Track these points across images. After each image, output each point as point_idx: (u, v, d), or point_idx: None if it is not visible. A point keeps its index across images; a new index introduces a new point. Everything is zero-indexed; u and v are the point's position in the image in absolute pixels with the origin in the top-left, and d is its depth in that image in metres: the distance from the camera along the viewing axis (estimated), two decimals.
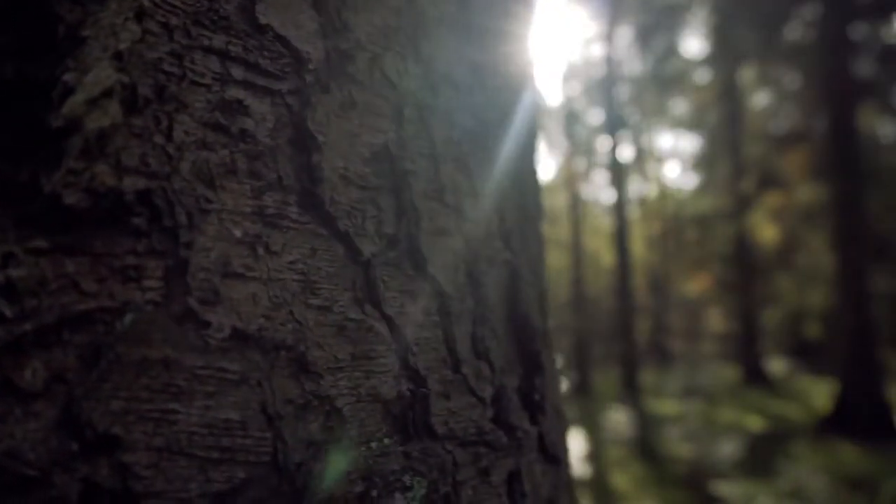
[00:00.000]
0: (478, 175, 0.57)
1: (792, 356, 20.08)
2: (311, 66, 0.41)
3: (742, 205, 16.79)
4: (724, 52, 16.58)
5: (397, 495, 0.41)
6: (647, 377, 17.98)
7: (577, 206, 16.06)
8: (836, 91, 11.75)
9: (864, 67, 14.66)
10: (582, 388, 15.86)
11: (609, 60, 14.41)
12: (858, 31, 13.87)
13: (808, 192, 16.46)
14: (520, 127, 0.69)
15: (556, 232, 26.58)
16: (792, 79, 16.54)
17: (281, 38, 0.39)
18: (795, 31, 15.01)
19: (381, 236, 0.45)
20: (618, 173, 13.82)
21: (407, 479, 0.41)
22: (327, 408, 0.39)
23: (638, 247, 27.98)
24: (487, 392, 0.52)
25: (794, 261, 17.97)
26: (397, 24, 0.49)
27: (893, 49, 14.52)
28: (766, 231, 20.96)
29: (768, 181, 17.01)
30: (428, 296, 0.48)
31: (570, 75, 16.67)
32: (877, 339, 11.51)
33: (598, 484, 8.60)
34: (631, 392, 12.36)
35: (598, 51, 14.27)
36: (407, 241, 0.47)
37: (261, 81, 0.39)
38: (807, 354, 19.46)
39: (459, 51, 0.57)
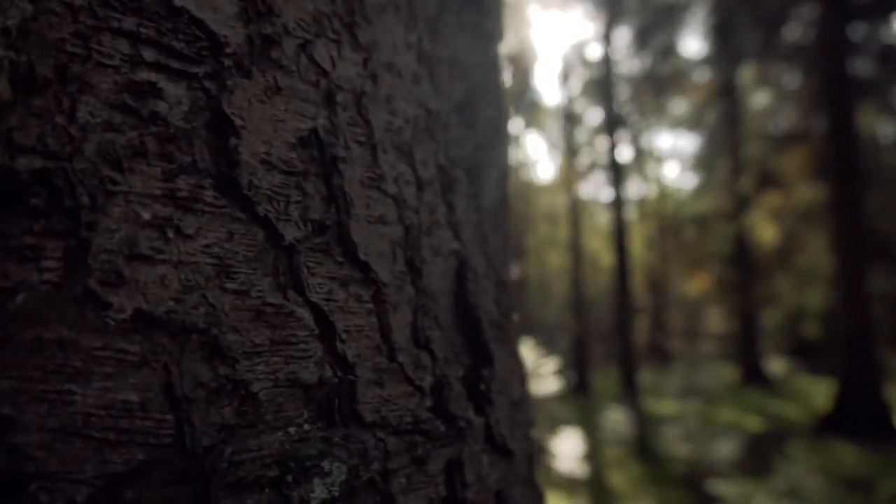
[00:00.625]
0: (423, 164, 0.56)
1: (791, 356, 20.07)
2: (228, 50, 0.41)
3: (741, 205, 16.78)
4: (723, 52, 16.57)
5: (316, 481, 0.40)
6: (646, 377, 17.97)
7: (576, 207, 16.05)
8: (835, 91, 11.75)
9: (864, 67, 14.65)
10: (581, 388, 15.85)
11: (607, 60, 14.40)
12: (857, 31, 13.87)
13: (807, 193, 16.45)
14: (479, 118, 0.68)
15: (555, 232, 26.58)
16: (791, 79, 16.53)
17: (197, 22, 0.39)
18: (794, 31, 15.01)
19: (307, 222, 0.45)
20: (617, 173, 13.82)
21: (326, 464, 0.41)
22: (242, 392, 0.39)
23: (637, 247, 27.98)
24: (427, 381, 0.52)
25: (793, 261, 17.96)
26: (332, 10, 0.49)
27: (892, 49, 14.51)
28: (765, 231, 20.95)
29: (767, 181, 16.99)
30: (360, 283, 0.48)
31: (569, 75, 16.66)
32: (876, 340, 11.50)
33: (596, 483, 8.60)
34: (630, 392, 12.35)
35: (596, 50, 14.28)
36: (336, 227, 0.47)
37: (175, 64, 0.38)
38: (806, 354, 19.44)
39: (406, 39, 0.57)
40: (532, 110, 21.93)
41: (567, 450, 8.55)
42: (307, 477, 0.40)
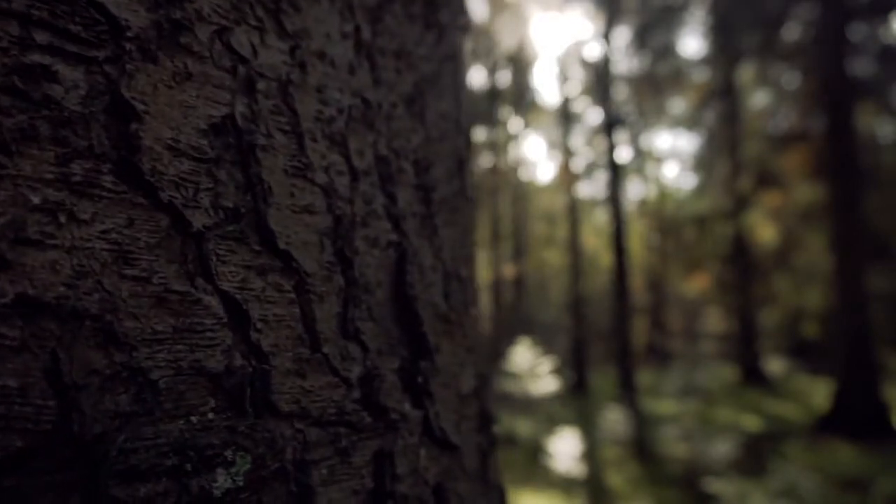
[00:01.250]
0: (359, 155, 0.56)
1: (790, 356, 20.06)
2: (129, 35, 0.40)
3: (740, 205, 16.77)
4: (722, 52, 16.57)
5: (219, 470, 0.40)
6: (645, 377, 17.96)
7: (574, 206, 16.05)
8: (834, 91, 11.74)
9: (862, 67, 14.64)
10: (580, 388, 15.85)
11: (606, 60, 14.40)
12: (856, 30, 13.86)
13: (806, 192, 16.44)
14: (430, 111, 0.67)
15: (554, 232, 26.58)
16: (790, 78, 16.53)
17: (95, 5, 0.39)
18: (794, 30, 15.00)
19: (219, 209, 0.44)
20: (615, 173, 13.81)
21: (229, 453, 0.40)
22: (140, 380, 0.38)
23: (636, 247, 27.98)
24: (355, 373, 0.51)
25: (792, 261, 17.95)
26: None
27: (891, 49, 14.49)
28: (764, 231, 20.93)
29: (766, 181, 16.99)
30: (280, 272, 0.47)
31: (567, 75, 16.66)
32: (874, 340, 11.50)
33: (594, 483, 8.61)
34: (628, 391, 12.35)
35: (595, 50, 14.27)
36: (253, 215, 0.46)
37: (72, 48, 0.38)
38: (805, 354, 19.43)
39: (342, 29, 0.56)
40: (531, 110, 21.95)
41: (565, 449, 8.54)
42: (209, 466, 0.39)
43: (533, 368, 11.16)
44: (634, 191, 27.61)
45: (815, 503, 5.91)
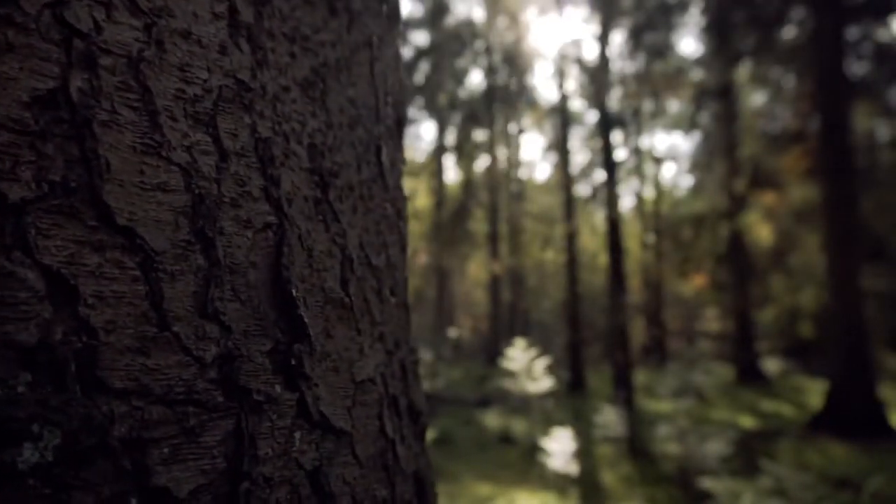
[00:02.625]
0: (231, 135, 0.55)
1: (787, 356, 20.06)
2: None
3: (737, 205, 16.77)
4: (718, 52, 16.56)
5: (26, 444, 0.39)
6: (642, 376, 17.96)
7: (571, 206, 16.05)
8: (830, 90, 11.74)
9: (859, 67, 14.64)
10: (576, 387, 15.86)
11: (603, 60, 14.40)
12: (852, 31, 13.86)
13: (803, 192, 16.44)
14: (333, 97, 0.67)
15: (552, 231, 26.58)
16: (787, 78, 16.51)
17: None
18: (790, 30, 14.99)
19: (43, 182, 0.44)
20: (611, 173, 13.81)
21: (35, 427, 0.40)
22: None
23: (634, 247, 27.96)
24: (211, 352, 0.50)
25: (789, 261, 17.95)
26: None
27: (887, 49, 14.48)
28: (761, 231, 20.90)
29: (763, 181, 16.98)
30: (122, 249, 0.47)
31: (564, 75, 16.65)
32: (869, 339, 11.48)
33: (588, 482, 8.62)
34: (625, 391, 12.34)
35: (592, 50, 14.27)
36: (87, 190, 0.46)
37: None
38: (802, 354, 19.43)
39: (213, 9, 0.56)
40: (528, 110, 21.96)
41: (559, 448, 8.55)
42: (14, 440, 0.39)
43: (529, 368, 11.15)
44: (632, 191, 27.62)
45: (805, 501, 5.90)
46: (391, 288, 0.72)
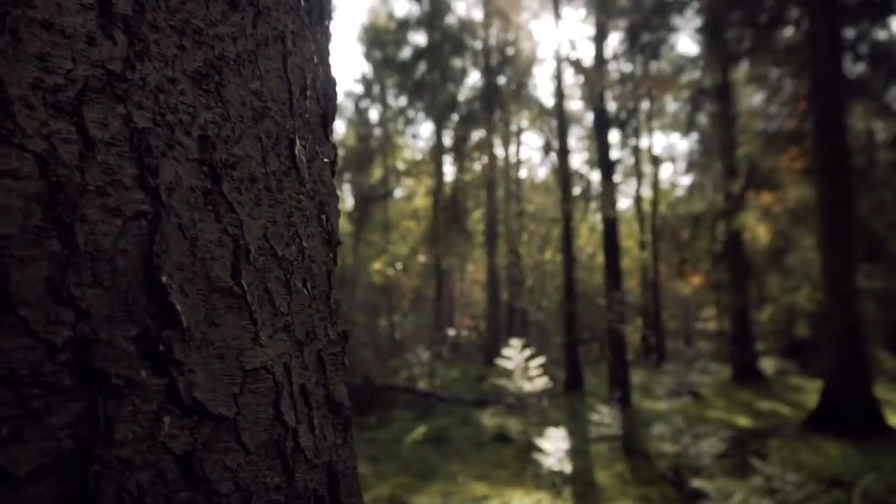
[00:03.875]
0: (99, 125, 0.56)
1: (785, 356, 20.08)
2: None
3: (734, 205, 16.79)
4: (715, 52, 16.57)
5: None
6: (639, 376, 17.99)
7: (568, 206, 16.06)
8: (826, 91, 11.76)
9: (856, 67, 14.64)
10: (574, 386, 15.88)
11: (600, 60, 14.42)
12: (849, 31, 13.86)
13: (799, 192, 16.44)
14: (230, 90, 0.66)
15: (551, 231, 26.59)
16: (785, 78, 16.51)
17: None
18: (787, 30, 14.99)
19: None
20: (608, 173, 13.83)
21: None
22: None
23: (632, 246, 27.94)
24: (62, 337, 0.51)
25: (786, 260, 17.96)
26: None
27: (884, 49, 14.49)
28: (758, 231, 20.89)
29: (760, 181, 16.99)
30: None
31: (561, 75, 16.68)
32: (864, 338, 11.51)
33: (582, 480, 8.64)
34: (621, 390, 12.38)
35: (589, 50, 14.29)
36: None
37: None
38: (800, 354, 19.44)
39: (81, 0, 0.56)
40: (526, 110, 21.97)
41: (554, 447, 8.56)
42: None
43: (524, 367, 11.17)
44: (630, 191, 27.63)
45: (795, 500, 5.93)
46: (304, 280, 0.73)
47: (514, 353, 11.16)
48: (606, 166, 13.55)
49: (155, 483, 0.54)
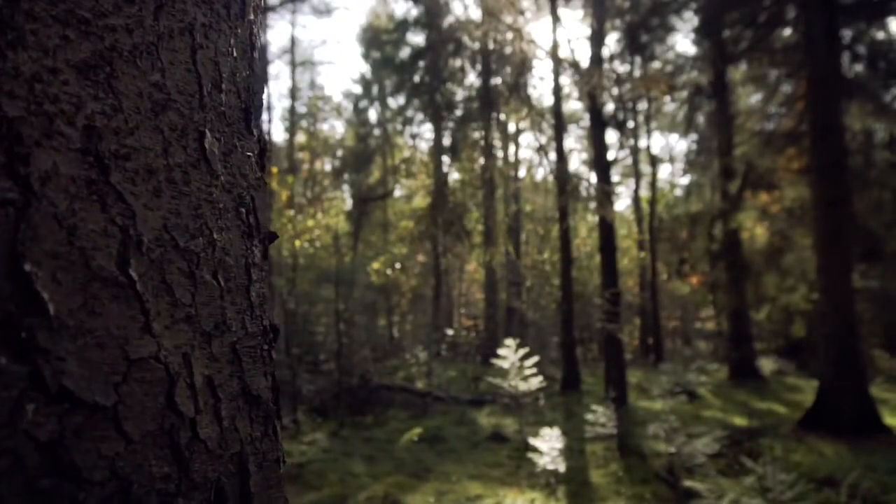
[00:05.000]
0: None
1: (783, 355, 20.08)
2: None
3: (731, 204, 16.79)
4: (712, 52, 16.58)
5: None
6: (636, 375, 18.01)
7: (565, 206, 16.06)
8: (823, 90, 11.76)
9: (853, 67, 14.64)
10: (570, 386, 15.89)
11: (596, 60, 14.43)
12: (847, 30, 13.87)
13: (797, 192, 16.45)
14: (123, 82, 0.66)
15: (550, 231, 26.59)
16: (782, 78, 16.51)
17: None
18: (785, 30, 14.99)
19: None
20: (605, 172, 13.84)
21: None
22: None
23: (631, 246, 27.95)
24: None
25: (784, 260, 17.96)
26: None
27: (882, 48, 14.49)
28: (755, 230, 20.90)
29: (757, 181, 16.99)
30: None
31: (559, 75, 16.68)
32: (860, 337, 11.51)
33: (576, 480, 8.65)
34: (618, 390, 12.38)
35: (587, 50, 14.30)
36: None
37: None
38: (798, 353, 19.45)
39: None
40: (524, 110, 21.95)
41: (548, 447, 8.58)
42: None
43: (519, 367, 11.19)
44: (629, 191, 27.64)
45: (785, 499, 5.94)
46: (215, 272, 0.73)
47: (508, 353, 11.17)
48: (602, 167, 13.56)
49: (13, 469, 0.54)
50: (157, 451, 0.64)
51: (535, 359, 11.13)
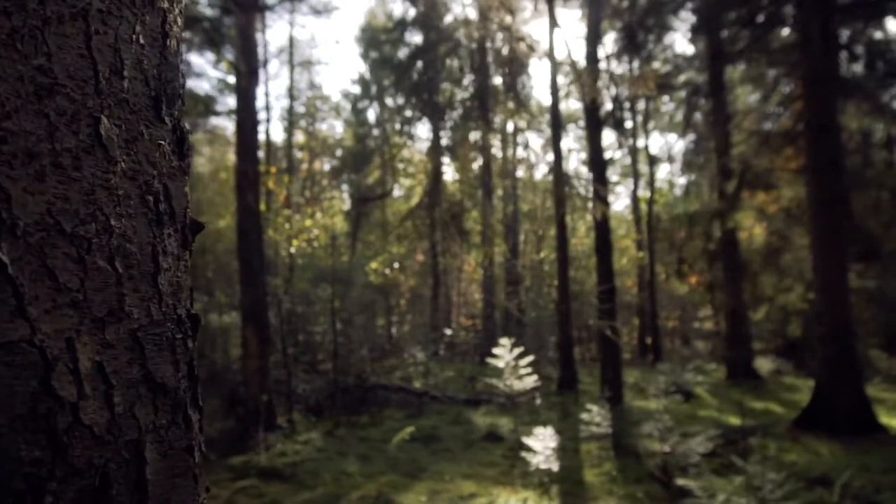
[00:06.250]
0: None
1: (781, 355, 20.07)
2: None
3: (729, 204, 16.77)
4: (709, 51, 16.57)
5: None
6: (634, 375, 18.00)
7: (562, 205, 16.06)
8: (819, 90, 11.75)
9: (851, 67, 14.62)
10: (567, 386, 15.89)
11: (593, 60, 14.42)
12: (845, 30, 13.85)
13: (794, 191, 16.44)
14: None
15: (548, 231, 26.57)
16: (780, 77, 16.49)
17: None
18: (783, 30, 14.98)
19: None
20: (601, 172, 13.83)
21: None
22: None
23: (628, 246, 27.94)
24: None
25: (781, 260, 17.95)
26: None
27: (880, 48, 14.47)
28: (753, 230, 20.88)
29: (755, 181, 16.98)
30: None
31: (557, 75, 16.68)
32: (856, 337, 11.50)
33: (570, 479, 8.66)
34: (614, 389, 12.38)
35: (584, 50, 14.29)
36: None
37: None
38: (796, 353, 19.44)
39: None
40: (522, 109, 21.96)
41: (542, 446, 8.59)
42: None
43: (514, 366, 11.17)
44: (627, 191, 27.64)
45: (775, 498, 5.93)
46: (111, 258, 0.73)
47: (503, 352, 11.16)
48: (598, 166, 13.55)
49: None
50: (28, 435, 0.63)
51: (529, 358, 11.11)
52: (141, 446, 0.73)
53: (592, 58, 14.05)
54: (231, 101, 20.74)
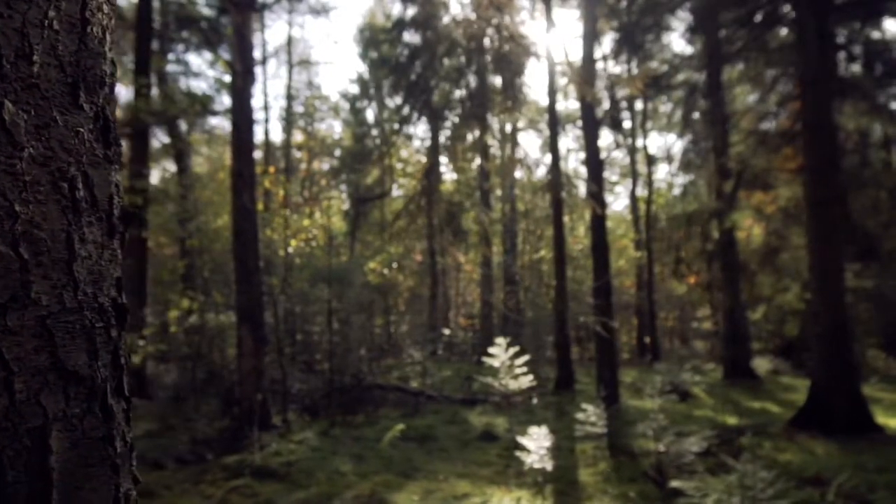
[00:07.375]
0: None
1: (779, 355, 20.05)
2: None
3: (727, 204, 16.76)
4: (706, 51, 16.56)
5: None
6: (631, 375, 17.99)
7: (560, 205, 16.08)
8: (816, 90, 11.73)
9: (849, 67, 14.61)
10: (564, 385, 15.88)
11: (590, 59, 14.41)
12: (843, 30, 13.84)
13: (792, 191, 16.42)
14: None
15: (547, 231, 26.57)
16: (778, 77, 16.47)
17: None
18: (780, 30, 14.96)
19: None
20: (598, 172, 13.83)
21: None
22: None
23: (627, 245, 27.92)
24: None
25: (778, 260, 17.94)
26: None
27: (877, 48, 14.45)
28: (751, 230, 20.86)
29: (753, 181, 16.97)
30: None
31: (555, 75, 16.69)
32: (853, 336, 11.49)
33: (565, 478, 8.65)
34: (609, 389, 12.36)
35: (582, 50, 14.27)
36: None
37: None
38: (794, 353, 19.42)
39: None
40: (520, 109, 21.94)
41: (537, 446, 8.57)
42: None
43: (510, 366, 11.17)
44: (626, 190, 27.63)
45: (765, 497, 5.92)
46: (15, 244, 0.72)
47: (499, 352, 11.15)
48: (595, 165, 13.55)
49: None
50: None
51: (525, 357, 11.10)
52: (46, 434, 0.73)
53: (589, 58, 14.04)
54: (228, 101, 20.75)
